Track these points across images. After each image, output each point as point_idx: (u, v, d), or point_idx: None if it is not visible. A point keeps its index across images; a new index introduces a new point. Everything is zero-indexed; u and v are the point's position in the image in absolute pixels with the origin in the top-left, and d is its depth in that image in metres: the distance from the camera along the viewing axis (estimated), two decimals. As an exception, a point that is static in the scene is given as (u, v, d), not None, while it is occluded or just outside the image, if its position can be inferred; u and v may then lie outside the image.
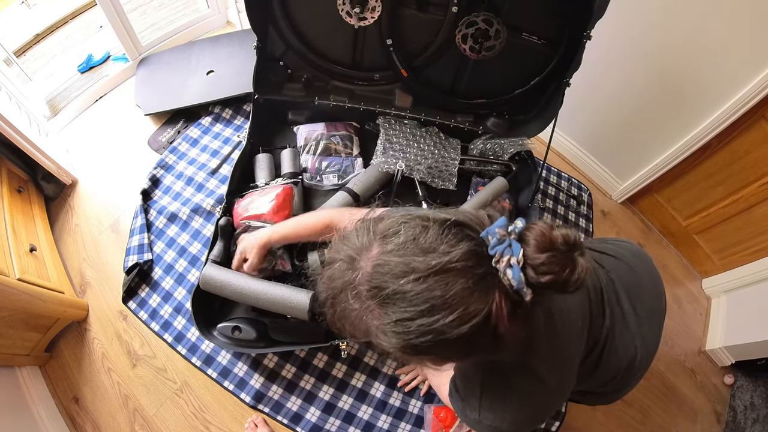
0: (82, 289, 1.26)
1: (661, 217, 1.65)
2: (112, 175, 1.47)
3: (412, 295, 0.39)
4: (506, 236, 0.39)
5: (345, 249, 0.46)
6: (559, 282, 0.37)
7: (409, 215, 0.45)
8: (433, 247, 0.40)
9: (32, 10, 1.86)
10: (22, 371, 1.09)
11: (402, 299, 0.39)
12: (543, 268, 0.37)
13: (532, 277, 0.37)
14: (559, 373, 0.56)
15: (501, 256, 0.38)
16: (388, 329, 0.41)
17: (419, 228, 0.42)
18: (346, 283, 0.44)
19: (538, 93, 1.26)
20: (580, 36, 1.05)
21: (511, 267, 0.37)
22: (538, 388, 0.54)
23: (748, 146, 1.25)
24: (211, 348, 1.15)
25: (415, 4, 1.12)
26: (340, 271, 0.45)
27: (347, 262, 0.44)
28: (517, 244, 0.38)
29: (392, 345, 0.41)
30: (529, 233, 0.39)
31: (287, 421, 1.08)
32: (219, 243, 1.09)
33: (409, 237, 0.42)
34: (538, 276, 0.37)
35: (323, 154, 1.32)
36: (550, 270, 0.37)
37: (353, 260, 0.44)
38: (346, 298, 0.44)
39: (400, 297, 0.39)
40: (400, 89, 1.34)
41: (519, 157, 1.34)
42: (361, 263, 0.43)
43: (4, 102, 1.26)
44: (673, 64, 1.27)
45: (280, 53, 1.28)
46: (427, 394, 1.13)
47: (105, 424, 1.08)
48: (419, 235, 0.41)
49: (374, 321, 0.42)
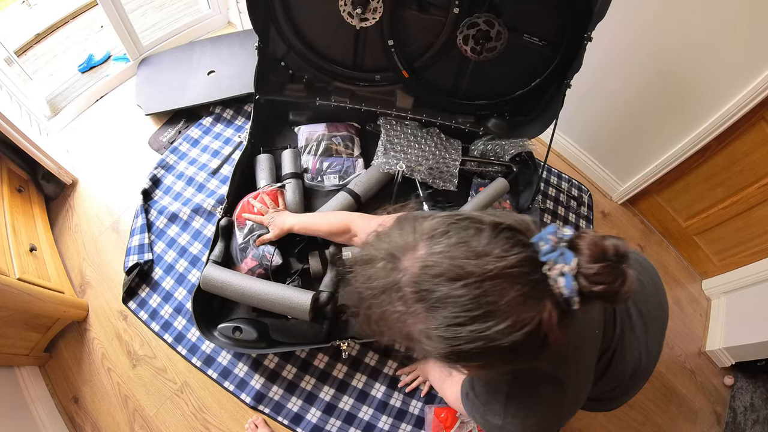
0: (82, 289, 1.25)
1: (661, 218, 1.66)
2: (113, 175, 1.46)
3: (465, 299, 0.37)
4: (558, 244, 0.38)
5: (385, 246, 0.44)
6: (611, 293, 0.37)
7: (457, 215, 0.43)
8: (486, 251, 0.39)
9: (33, 9, 1.86)
10: (22, 371, 1.09)
11: (454, 304, 0.38)
12: (596, 278, 0.37)
13: (584, 287, 0.37)
14: (580, 381, 0.56)
15: (554, 263, 0.38)
16: (435, 334, 0.39)
17: (472, 230, 0.41)
18: (388, 284, 0.42)
19: (538, 94, 1.27)
20: (581, 37, 1.05)
21: (564, 275, 0.37)
22: (561, 396, 0.54)
23: (748, 148, 1.25)
24: (212, 348, 1.15)
25: (416, 5, 1.12)
26: (380, 270, 0.43)
27: (388, 261, 0.42)
28: (570, 252, 0.38)
29: (437, 350, 0.40)
30: (581, 242, 0.38)
31: (288, 421, 1.08)
32: (220, 243, 1.09)
33: (461, 239, 0.40)
34: (590, 285, 0.37)
35: (324, 155, 1.32)
36: (603, 280, 0.37)
37: (395, 259, 0.42)
38: (387, 300, 0.42)
39: (452, 301, 0.38)
40: (402, 90, 1.34)
41: (520, 158, 1.35)
42: (406, 263, 0.41)
43: (4, 101, 1.26)
44: (674, 66, 1.27)
45: (281, 54, 1.28)
46: (428, 394, 1.12)
47: (105, 424, 1.08)
48: (472, 237, 0.40)
49: (419, 325, 0.40)
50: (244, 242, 1.09)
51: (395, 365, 1.16)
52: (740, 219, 1.37)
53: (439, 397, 1.13)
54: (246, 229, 1.09)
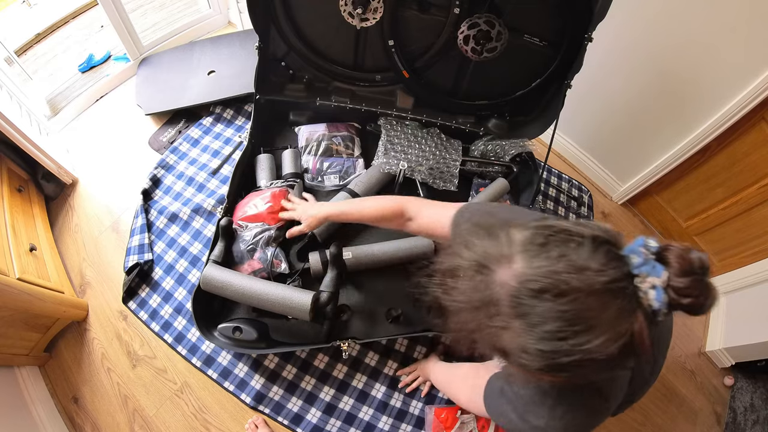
0: (82, 289, 1.25)
1: (661, 218, 1.66)
2: (113, 175, 1.46)
3: (568, 315, 0.37)
4: (648, 256, 0.39)
5: (474, 256, 0.43)
6: (697, 306, 0.38)
7: (552, 226, 0.43)
8: (587, 265, 0.39)
9: (33, 9, 1.86)
10: (22, 371, 1.09)
11: (555, 319, 0.38)
12: (685, 291, 0.37)
13: (673, 300, 0.37)
14: (617, 392, 0.57)
15: (645, 276, 0.38)
16: (534, 348, 0.39)
17: (572, 243, 0.40)
18: (483, 299, 0.41)
19: (539, 94, 1.27)
20: (581, 38, 1.05)
21: (655, 288, 0.38)
22: (602, 406, 0.54)
23: (748, 148, 1.25)
24: (212, 348, 1.15)
25: (417, 6, 1.12)
26: (472, 282, 0.42)
27: (479, 272, 0.42)
28: (660, 265, 0.38)
29: (533, 364, 0.40)
30: (669, 255, 0.39)
31: (288, 422, 1.08)
32: (220, 243, 1.09)
33: (561, 252, 0.40)
34: (679, 298, 0.37)
35: (324, 155, 1.32)
36: (691, 294, 0.37)
37: (488, 270, 0.42)
38: (481, 314, 0.41)
39: (554, 317, 0.38)
40: (402, 90, 1.34)
41: (520, 158, 1.35)
42: (502, 277, 0.41)
43: (4, 101, 1.26)
44: (674, 66, 1.28)
45: (281, 54, 1.28)
46: (428, 395, 1.12)
47: (104, 424, 1.08)
48: (572, 251, 0.40)
49: (516, 339, 0.40)
50: (252, 244, 1.08)
51: (395, 365, 1.16)
52: (740, 219, 1.37)
53: (440, 397, 1.13)
54: (254, 231, 1.08)
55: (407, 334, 1.09)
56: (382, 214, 0.82)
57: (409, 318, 1.13)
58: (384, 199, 0.83)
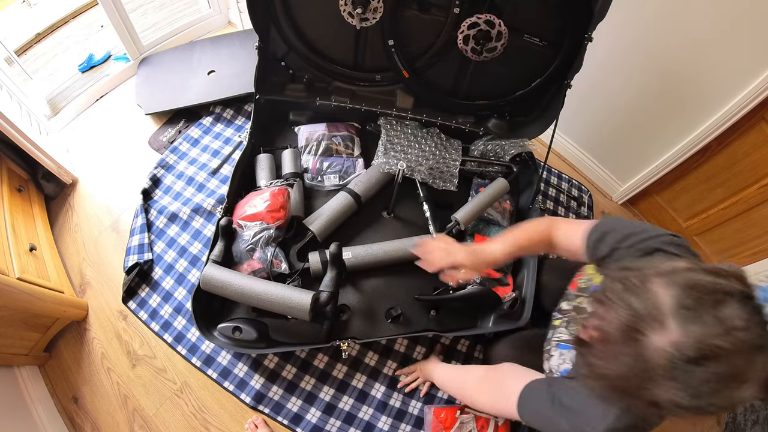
0: (82, 289, 1.25)
1: (661, 218, 1.66)
2: (113, 175, 1.46)
3: (723, 374, 0.40)
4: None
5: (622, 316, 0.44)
6: None
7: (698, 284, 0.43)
8: (735, 324, 0.40)
9: (33, 9, 1.86)
10: (22, 371, 1.09)
11: (711, 380, 0.40)
12: None
13: None
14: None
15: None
16: (686, 404, 0.41)
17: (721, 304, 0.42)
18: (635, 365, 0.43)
19: (539, 94, 1.27)
20: (581, 38, 1.05)
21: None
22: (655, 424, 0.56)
23: (748, 148, 1.25)
24: (212, 348, 1.15)
25: (417, 5, 1.12)
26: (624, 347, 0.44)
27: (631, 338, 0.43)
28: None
29: (682, 413, 0.42)
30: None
31: (287, 421, 1.08)
32: (220, 243, 1.09)
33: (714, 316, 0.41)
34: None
35: (324, 155, 1.32)
36: None
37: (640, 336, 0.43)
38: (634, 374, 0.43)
39: (709, 378, 0.40)
40: (402, 90, 1.34)
41: (520, 158, 1.35)
42: (656, 343, 0.42)
43: (4, 101, 1.26)
44: (674, 66, 1.27)
45: (281, 54, 1.28)
46: (427, 394, 1.12)
47: (104, 424, 1.08)
48: (722, 309, 0.41)
49: (668, 395, 0.42)
50: (251, 244, 1.08)
51: (395, 365, 1.16)
52: (740, 220, 1.37)
53: (439, 397, 1.13)
54: (253, 230, 1.08)
55: (407, 334, 1.09)
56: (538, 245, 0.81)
57: (408, 318, 1.13)
58: (534, 229, 0.82)
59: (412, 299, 1.15)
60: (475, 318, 1.18)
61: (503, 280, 1.16)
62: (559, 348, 0.75)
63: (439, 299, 1.13)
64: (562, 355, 0.74)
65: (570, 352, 0.73)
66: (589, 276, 0.78)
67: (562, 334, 0.77)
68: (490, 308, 1.15)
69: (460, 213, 1.17)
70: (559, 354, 0.74)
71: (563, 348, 0.74)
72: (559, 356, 0.74)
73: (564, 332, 0.77)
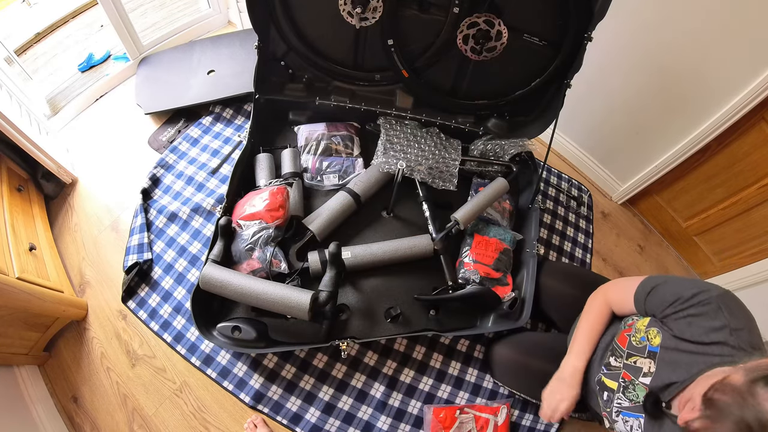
0: (82, 289, 1.25)
1: (661, 218, 1.65)
2: (113, 174, 1.46)
3: None
4: None
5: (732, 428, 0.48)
6: None
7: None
8: None
9: (33, 8, 1.86)
10: (21, 370, 1.09)
11: None
12: None
13: None
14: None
15: None
16: None
17: None
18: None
19: (538, 94, 1.27)
20: (581, 37, 1.05)
21: None
22: None
23: (748, 148, 1.25)
24: (211, 348, 1.15)
25: (416, 5, 1.12)
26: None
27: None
28: None
29: None
30: None
31: (287, 421, 1.08)
32: (219, 242, 1.09)
33: None
34: None
35: (324, 155, 1.32)
36: None
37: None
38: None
39: None
40: (401, 90, 1.34)
41: (519, 158, 1.34)
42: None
43: (4, 101, 1.26)
44: (674, 66, 1.27)
45: (281, 53, 1.28)
46: (427, 394, 1.12)
47: (104, 423, 1.08)
48: None
49: None
50: (250, 243, 1.08)
51: (394, 365, 1.16)
52: (740, 220, 1.37)
53: (438, 397, 1.13)
54: (252, 230, 1.08)
55: (406, 334, 1.09)
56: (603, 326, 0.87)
57: (408, 317, 1.13)
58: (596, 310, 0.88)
59: (411, 299, 1.15)
60: (475, 318, 1.18)
61: (503, 279, 1.16)
62: (623, 415, 0.73)
63: (438, 299, 1.13)
64: (627, 422, 0.71)
65: (635, 420, 0.70)
66: (642, 333, 0.74)
67: (621, 401, 0.74)
68: (489, 308, 1.15)
69: (460, 213, 1.17)
70: (624, 421, 0.72)
71: (627, 415, 0.72)
72: (624, 423, 0.72)
73: (623, 398, 0.74)
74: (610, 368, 0.79)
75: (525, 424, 1.13)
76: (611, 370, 0.78)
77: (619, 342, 0.79)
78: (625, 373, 0.74)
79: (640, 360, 0.72)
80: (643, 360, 0.72)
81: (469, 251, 1.17)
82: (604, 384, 0.78)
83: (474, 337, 1.22)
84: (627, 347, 0.76)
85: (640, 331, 0.75)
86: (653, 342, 0.71)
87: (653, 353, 0.70)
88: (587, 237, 1.57)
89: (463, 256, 1.18)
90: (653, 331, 0.72)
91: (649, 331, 0.72)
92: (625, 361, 0.75)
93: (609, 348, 0.82)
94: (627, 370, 0.74)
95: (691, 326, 0.66)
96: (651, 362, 0.70)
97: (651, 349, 0.71)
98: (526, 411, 1.15)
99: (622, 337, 0.78)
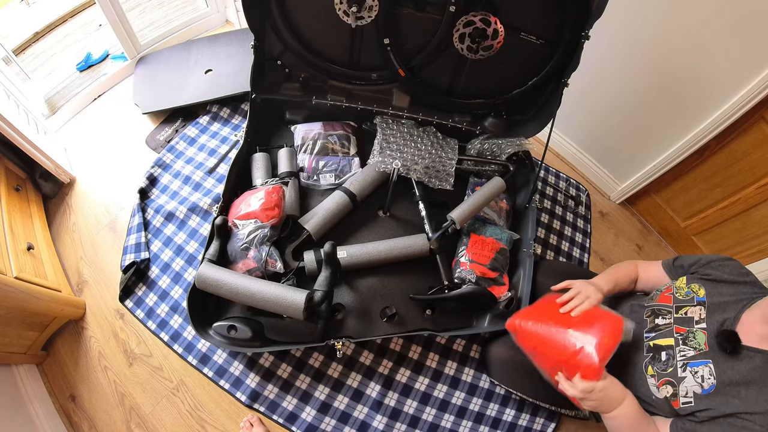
0: (79, 288, 1.26)
1: (659, 218, 1.65)
2: (110, 174, 1.47)
3: None
4: None
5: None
6: None
7: None
8: None
9: (31, 8, 1.86)
10: (19, 369, 1.10)
11: None
12: None
13: None
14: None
15: None
16: None
17: None
18: None
19: (536, 93, 1.26)
20: (579, 36, 1.04)
21: None
22: None
23: (747, 148, 1.24)
24: (207, 347, 1.15)
25: (412, 4, 1.11)
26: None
27: None
28: None
29: None
30: None
31: (283, 420, 1.08)
32: (215, 242, 1.09)
33: None
34: None
35: (320, 154, 1.32)
36: None
37: None
38: None
39: None
40: (398, 89, 1.33)
41: (517, 157, 1.34)
42: None
43: (2, 100, 1.26)
44: (672, 65, 1.26)
45: (277, 53, 1.27)
46: (424, 394, 1.12)
47: (101, 422, 1.09)
48: None
49: None
50: (246, 243, 1.08)
51: (390, 365, 1.16)
52: (739, 219, 1.36)
53: (435, 396, 1.13)
54: (248, 229, 1.08)
55: (402, 334, 1.09)
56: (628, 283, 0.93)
57: (403, 317, 1.13)
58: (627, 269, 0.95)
59: (407, 298, 1.15)
60: (471, 317, 1.18)
61: (499, 279, 1.16)
62: (690, 366, 0.71)
63: (434, 298, 1.13)
64: (697, 373, 0.70)
65: (704, 367, 0.69)
66: (686, 288, 0.78)
67: (685, 352, 0.72)
68: (485, 308, 1.15)
69: (456, 212, 1.16)
70: (693, 373, 0.70)
71: (695, 365, 0.70)
72: (694, 375, 0.70)
73: (686, 348, 0.72)
74: (659, 329, 0.79)
75: (522, 423, 1.13)
76: (661, 330, 0.78)
77: (662, 302, 0.81)
78: (678, 327, 0.76)
79: (690, 309, 0.75)
80: (693, 308, 0.75)
81: (465, 251, 1.17)
82: (659, 345, 0.77)
83: (470, 336, 1.22)
84: (673, 302, 0.79)
85: (682, 288, 0.79)
86: (699, 293, 0.76)
87: (702, 302, 0.75)
88: (585, 236, 1.57)
89: (459, 256, 1.18)
90: (695, 285, 0.77)
91: (692, 285, 0.78)
92: (675, 315, 0.77)
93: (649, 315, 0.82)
94: (678, 323, 0.76)
95: (724, 269, 0.76)
96: (701, 308, 0.74)
97: (699, 300, 0.75)
98: (523, 411, 1.15)
99: (663, 297, 0.81)
